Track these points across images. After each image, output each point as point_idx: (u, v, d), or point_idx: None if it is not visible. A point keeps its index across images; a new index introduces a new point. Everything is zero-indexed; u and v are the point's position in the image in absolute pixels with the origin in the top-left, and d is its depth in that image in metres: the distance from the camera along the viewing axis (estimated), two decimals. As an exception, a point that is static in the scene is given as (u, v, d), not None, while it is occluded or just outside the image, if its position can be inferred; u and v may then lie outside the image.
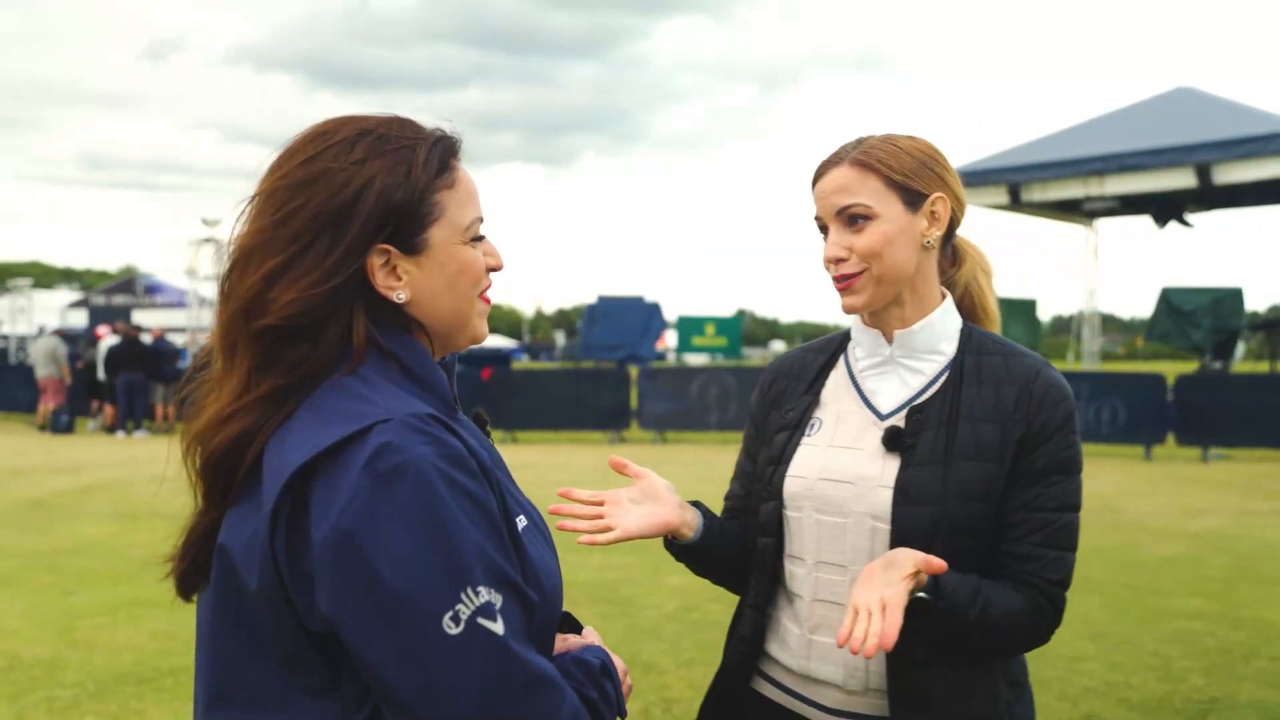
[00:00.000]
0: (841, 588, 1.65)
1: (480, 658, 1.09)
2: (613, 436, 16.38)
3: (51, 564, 7.25)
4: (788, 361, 1.85)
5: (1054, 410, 1.62)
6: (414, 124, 1.28)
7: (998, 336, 1.73)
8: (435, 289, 1.25)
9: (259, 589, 1.12)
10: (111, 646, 5.34)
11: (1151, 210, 21.38)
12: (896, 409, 1.67)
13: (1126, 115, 20.34)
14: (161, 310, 37.84)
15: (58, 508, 9.74)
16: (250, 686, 1.16)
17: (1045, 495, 1.60)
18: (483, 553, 1.12)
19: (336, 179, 1.20)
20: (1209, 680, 4.81)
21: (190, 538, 1.21)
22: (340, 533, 1.07)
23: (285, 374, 1.17)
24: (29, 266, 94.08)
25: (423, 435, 1.12)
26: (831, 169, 1.66)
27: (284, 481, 1.10)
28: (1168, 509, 9.72)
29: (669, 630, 5.61)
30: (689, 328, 22.62)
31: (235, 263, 1.22)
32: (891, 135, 1.69)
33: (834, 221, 1.65)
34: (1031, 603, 1.58)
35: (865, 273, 1.64)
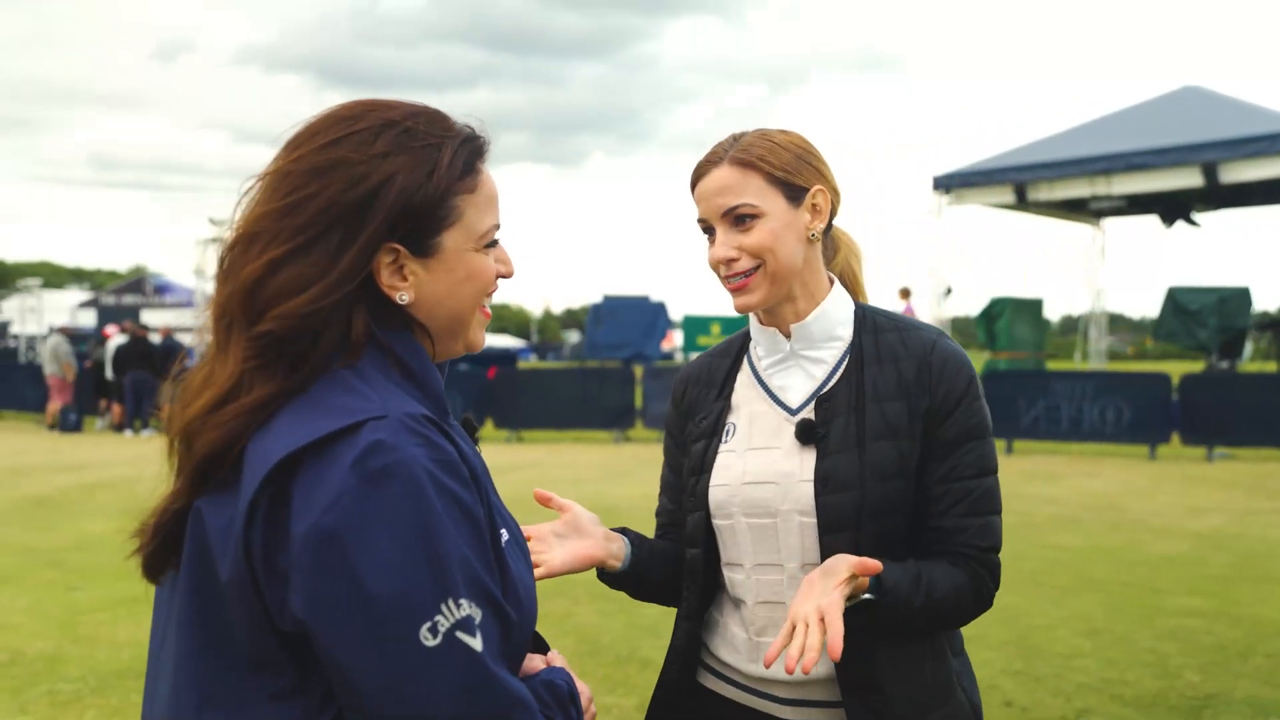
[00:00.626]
0: (780, 587, 1.66)
1: (455, 673, 1.05)
2: (617, 436, 16.40)
3: (55, 560, 7.31)
4: (695, 369, 1.85)
5: (955, 379, 1.63)
6: (444, 119, 1.22)
7: (889, 312, 1.74)
8: (439, 293, 1.21)
9: (229, 580, 1.07)
10: (113, 642, 5.38)
11: (1158, 209, 21.32)
12: (805, 401, 1.68)
13: (1133, 114, 20.29)
14: (170, 310, 37.96)
15: (63, 505, 9.80)
16: (211, 685, 1.10)
17: (962, 465, 1.62)
18: (467, 564, 1.08)
19: (355, 170, 1.15)
20: (1205, 677, 4.81)
21: (162, 518, 1.15)
22: (323, 530, 1.02)
23: (284, 378, 1.12)
24: (39, 267, 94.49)
25: (417, 436, 1.08)
26: (712, 169, 1.65)
27: (266, 472, 1.05)
28: (1170, 508, 9.71)
29: (668, 627, 5.59)
30: (695, 327, 22.62)
31: (238, 240, 1.16)
32: (765, 131, 1.68)
33: (720, 222, 1.65)
34: (970, 573, 1.61)
35: (759, 270, 1.64)
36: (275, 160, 1.19)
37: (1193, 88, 20.70)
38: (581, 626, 5.66)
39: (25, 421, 19.88)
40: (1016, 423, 14.44)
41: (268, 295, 1.12)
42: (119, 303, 45.71)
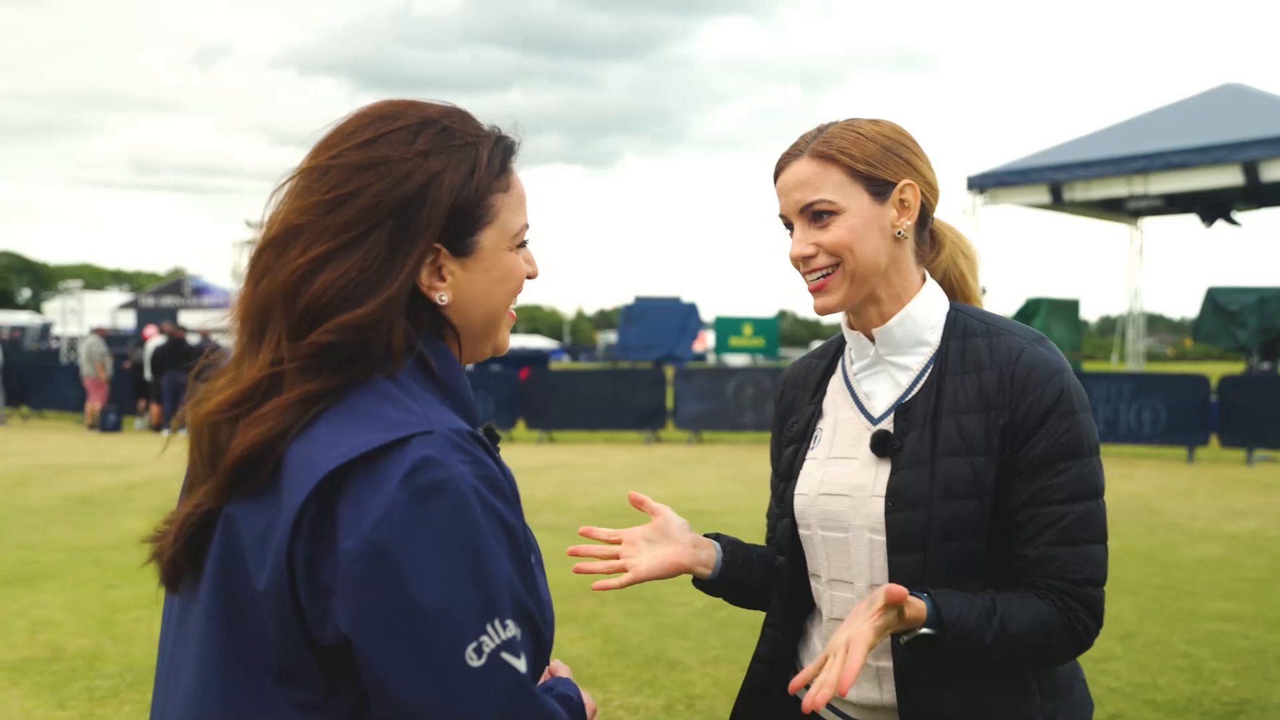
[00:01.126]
0: (851, 605, 1.57)
1: (498, 693, 1.04)
2: (648, 436, 16.42)
3: (95, 558, 7.44)
4: (795, 371, 1.78)
5: (1040, 391, 1.49)
6: (474, 119, 1.21)
7: (986, 314, 1.62)
8: (476, 293, 1.19)
9: (265, 590, 1.04)
10: (150, 639, 5.45)
11: (1198, 209, 21.05)
12: (887, 410, 1.59)
13: (1172, 112, 20.05)
14: (208, 311, 38.37)
15: (103, 504, 9.96)
16: (236, 695, 1.08)
17: (1051, 487, 1.46)
18: (512, 584, 1.07)
19: (399, 169, 1.13)
20: (1240, 682, 4.76)
21: (185, 524, 1.11)
22: (373, 545, 1.00)
23: (328, 378, 1.09)
24: (80, 269, 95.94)
25: (463, 454, 1.06)
26: (792, 163, 1.57)
27: (316, 482, 1.03)
28: (1207, 510, 9.59)
29: (696, 628, 5.64)
30: (727, 328, 22.57)
31: (275, 239, 1.13)
32: (854, 121, 1.59)
33: (798, 218, 1.57)
34: (1060, 608, 1.45)
35: (838, 270, 1.55)
36: (310, 157, 1.17)
37: (1233, 85, 20.42)
38: (609, 627, 5.68)
39: (66, 421, 20.21)
40: (1051, 424, 14.29)
41: (313, 295, 1.09)
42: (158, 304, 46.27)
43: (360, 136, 1.15)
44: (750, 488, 11.22)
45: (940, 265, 1.71)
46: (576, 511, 9.40)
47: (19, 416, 20.73)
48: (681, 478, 12.09)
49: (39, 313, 57.64)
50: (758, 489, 10.86)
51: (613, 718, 4.36)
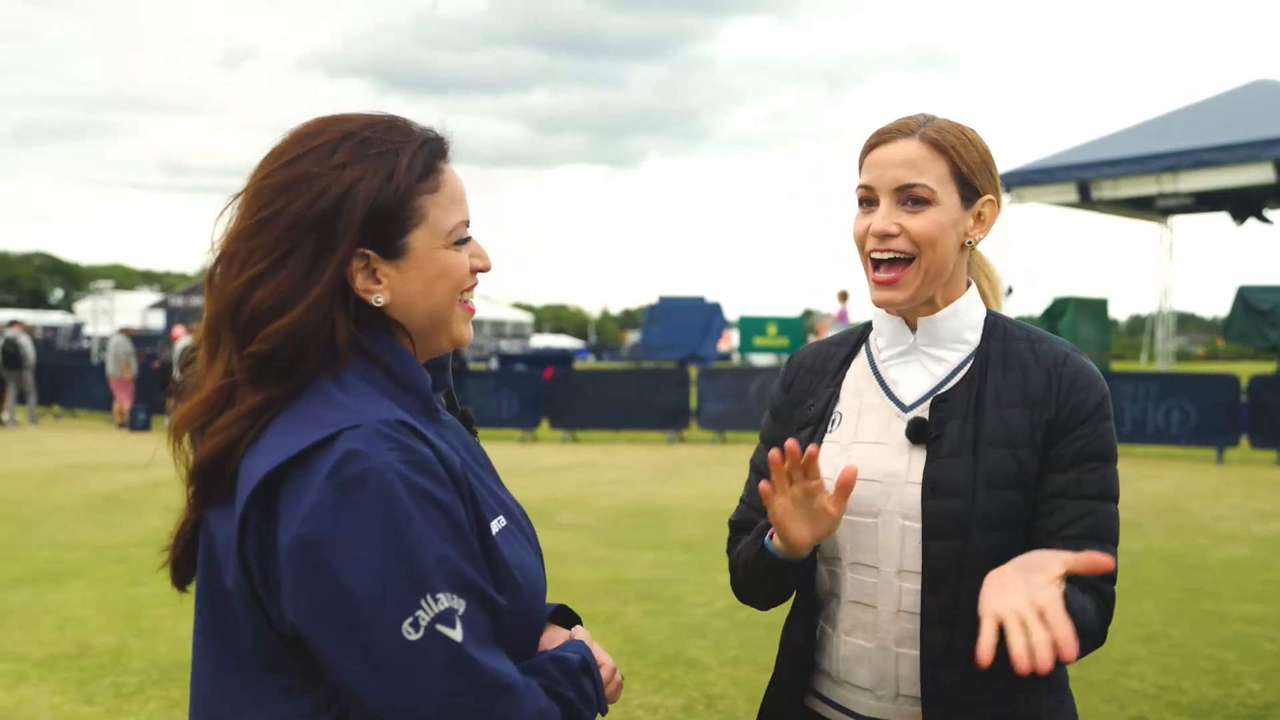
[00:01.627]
0: (873, 589, 1.58)
1: (439, 663, 1.11)
2: (672, 436, 16.41)
3: (121, 555, 7.54)
4: (809, 355, 1.78)
5: (1086, 393, 1.54)
6: (403, 125, 1.26)
7: (1025, 324, 1.65)
8: (413, 293, 1.24)
9: (233, 590, 1.15)
10: (175, 636, 5.52)
11: (1229, 207, 20.81)
12: (920, 399, 1.60)
13: (1202, 109, 19.84)
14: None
15: (129, 502, 10.09)
16: (231, 685, 1.18)
17: (1084, 482, 1.52)
18: (445, 559, 1.13)
19: (317, 184, 1.19)
20: (1265, 685, 4.70)
21: (180, 531, 1.25)
22: (303, 540, 1.08)
23: (272, 387, 1.18)
24: (111, 269, 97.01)
25: (389, 442, 1.13)
26: (899, 139, 1.55)
27: (251, 488, 1.12)
28: (1235, 512, 9.48)
29: (715, 628, 5.63)
30: (751, 328, 22.54)
31: (219, 260, 1.23)
32: (958, 122, 1.59)
33: (889, 195, 1.55)
34: (1097, 605, 1.50)
35: (914, 263, 1.55)
36: (247, 182, 1.25)
37: (1265, 81, 20.17)
38: (628, 626, 5.69)
39: (97, 420, 20.44)
40: (1078, 425, 14.15)
41: (250, 311, 1.18)
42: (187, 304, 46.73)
43: (286, 156, 1.23)
44: (773, 488, 11.18)
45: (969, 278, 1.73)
46: (597, 511, 9.41)
47: (51, 415, 20.99)
48: (704, 478, 12.08)
49: (71, 313, 58.36)
50: (780, 489, 10.79)
51: (632, 717, 4.37)
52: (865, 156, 1.60)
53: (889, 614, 1.57)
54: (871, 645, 1.59)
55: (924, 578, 1.53)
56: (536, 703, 1.18)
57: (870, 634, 1.59)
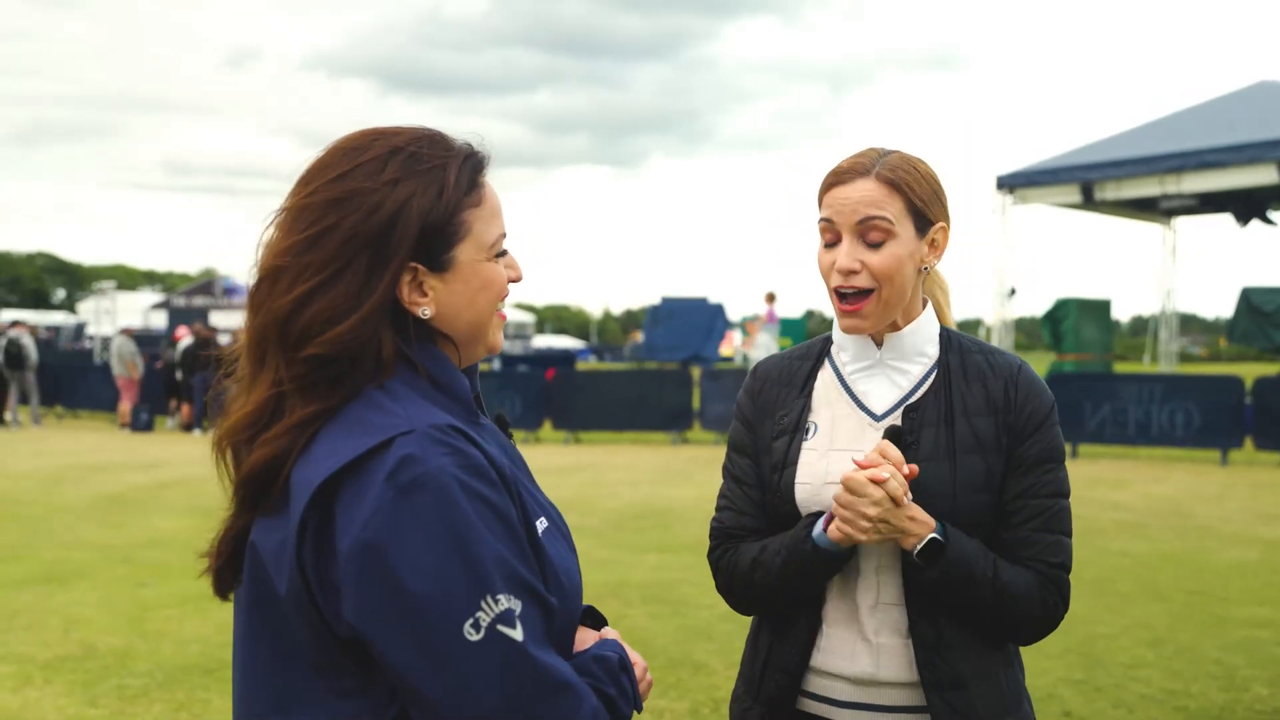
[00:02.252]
0: (854, 585, 1.70)
1: (500, 663, 1.13)
2: (675, 437, 16.41)
3: (126, 557, 7.52)
4: (772, 368, 1.86)
5: (1039, 401, 1.71)
6: (444, 140, 1.29)
7: (973, 337, 1.81)
8: (458, 304, 1.28)
9: (287, 596, 1.16)
10: (180, 638, 5.52)
11: (1232, 208, 20.79)
12: (890, 409, 1.73)
13: (1205, 110, 19.82)
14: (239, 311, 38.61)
15: (134, 503, 10.08)
16: (282, 689, 1.19)
17: (1039, 484, 1.68)
18: (502, 561, 1.15)
19: (370, 200, 1.22)
20: (1274, 690, 4.69)
21: (224, 538, 1.25)
22: (364, 544, 1.11)
23: (324, 398, 1.20)
24: (113, 270, 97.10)
25: (443, 447, 1.15)
26: (857, 179, 1.67)
27: (310, 495, 1.14)
28: (1240, 514, 9.46)
29: (720, 631, 5.63)
30: (754, 329, 22.56)
31: (264, 278, 1.24)
32: (908, 157, 1.72)
33: (850, 231, 1.67)
34: (1038, 582, 1.66)
35: (874, 295, 1.68)
36: (290, 196, 1.26)
37: (1268, 82, 20.15)
38: (634, 629, 5.68)
39: (100, 421, 20.46)
40: (1082, 426, 14.17)
41: (302, 325, 1.20)
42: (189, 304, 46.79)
43: (333, 171, 1.24)
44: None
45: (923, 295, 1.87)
46: (601, 513, 9.41)
47: (54, 416, 21.00)
48: (708, 479, 12.07)
49: (73, 313, 58.42)
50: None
51: (638, 720, 4.37)
52: (825, 194, 1.72)
53: (868, 608, 1.70)
54: (853, 637, 1.70)
55: (905, 573, 1.67)
56: (590, 700, 1.21)
57: (852, 628, 1.70)
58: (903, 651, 1.68)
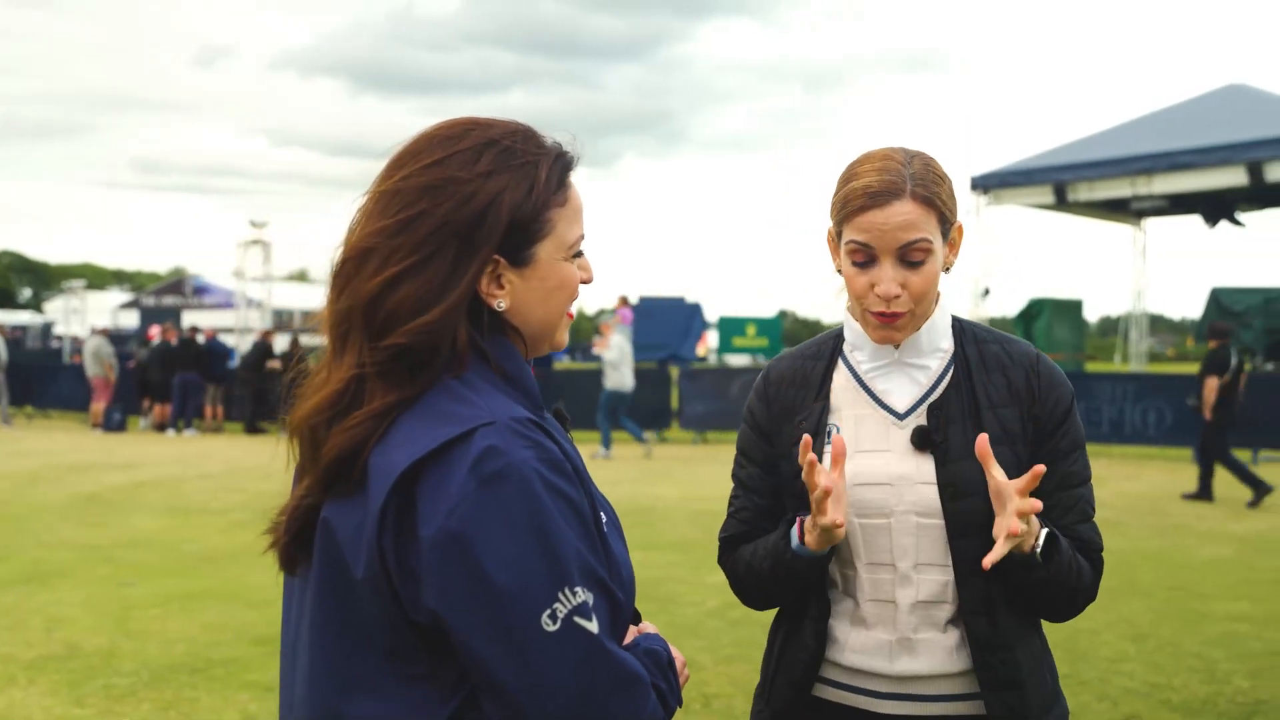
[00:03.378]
0: (891, 586, 1.68)
1: (576, 654, 1.14)
2: (654, 436, 16.43)
3: (108, 556, 7.46)
4: (784, 369, 1.82)
5: (1062, 390, 1.71)
6: (537, 137, 1.30)
7: (984, 325, 1.78)
8: (533, 301, 1.28)
9: (364, 580, 1.16)
10: (165, 637, 5.49)
11: (1202, 209, 21.05)
12: (912, 407, 1.70)
13: (1176, 113, 20.06)
14: (209, 311, 38.41)
15: (113, 503, 9.99)
16: (352, 673, 1.20)
17: (1072, 473, 1.70)
18: (579, 554, 1.17)
19: (464, 189, 1.22)
20: (1254, 683, 4.77)
21: (294, 515, 1.24)
22: (449, 533, 1.12)
23: (404, 385, 1.20)
24: (81, 269, 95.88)
25: (523, 439, 1.17)
26: (894, 201, 1.60)
27: (393, 481, 1.14)
28: (1215, 511, 9.61)
29: (708, 627, 5.65)
30: (730, 328, 22.59)
31: (351, 258, 1.23)
32: (929, 162, 1.66)
33: (889, 255, 1.62)
34: (1091, 568, 1.70)
35: (910, 313, 1.65)
36: (381, 180, 1.26)
37: (1237, 85, 20.43)
38: (624, 626, 5.69)
39: (71, 421, 20.23)
40: (1057, 425, 14.28)
41: (389, 309, 1.20)
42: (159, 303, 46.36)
43: (427, 157, 1.24)
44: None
45: None
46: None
47: (23, 416, 20.74)
48: (688, 477, 12.11)
49: (40, 312, 57.69)
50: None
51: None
52: (856, 215, 1.62)
53: (907, 606, 1.68)
54: (892, 638, 1.68)
55: (956, 574, 1.66)
56: (652, 695, 1.22)
57: (890, 627, 1.69)
58: (941, 643, 1.67)
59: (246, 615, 5.90)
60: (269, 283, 25.81)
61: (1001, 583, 1.64)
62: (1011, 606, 1.67)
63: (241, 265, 24.83)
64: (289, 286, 44.60)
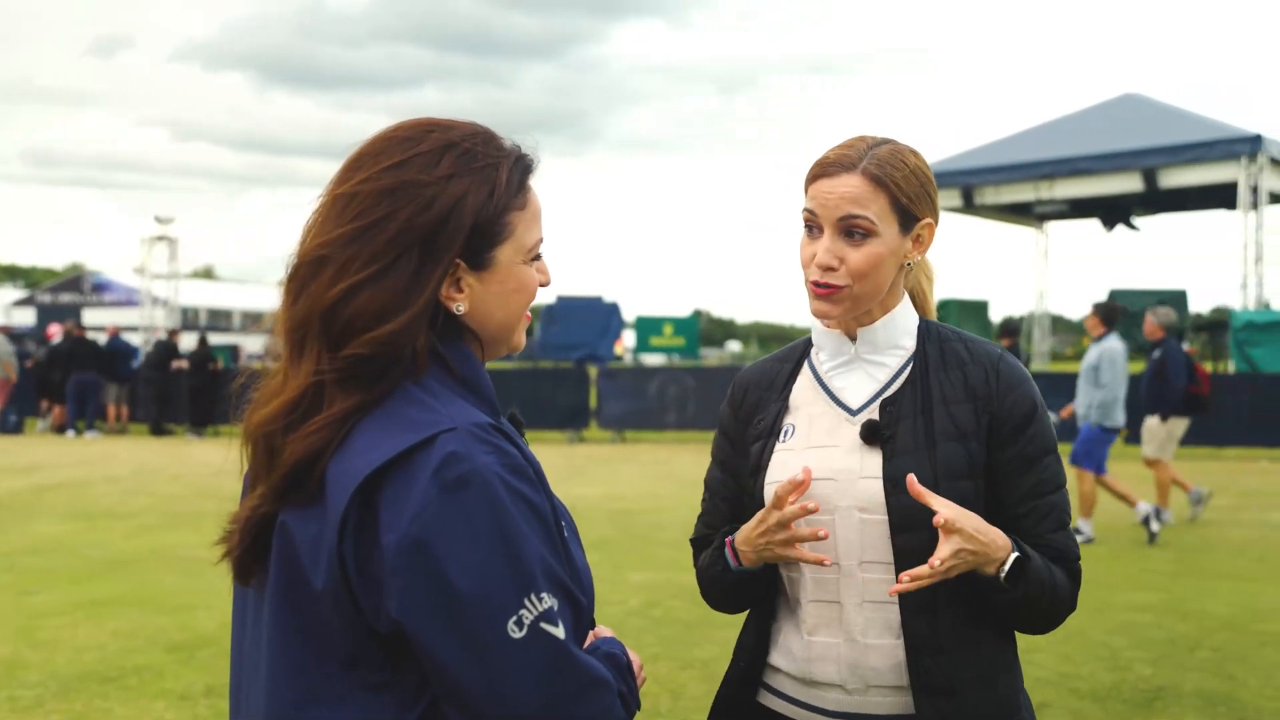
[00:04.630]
0: (835, 584, 1.64)
1: (542, 660, 1.14)
2: (572, 436, 16.42)
3: (8, 564, 7.19)
4: (755, 373, 1.84)
5: (1023, 390, 1.65)
6: (497, 139, 1.28)
7: (954, 328, 1.76)
8: (492, 304, 1.27)
9: (324, 589, 1.14)
10: (74, 646, 5.31)
11: (1099, 213, 21.80)
12: (866, 403, 1.68)
13: (1076, 120, 20.73)
14: (110, 309, 37.19)
15: (13, 508, 9.62)
16: (309, 683, 1.18)
17: (1044, 480, 1.64)
18: (543, 560, 1.16)
19: (425, 193, 1.20)
20: (1156, 670, 4.97)
21: (248, 525, 1.21)
22: (412, 539, 1.10)
23: (363, 391, 1.18)
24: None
25: (485, 444, 1.16)
26: (842, 174, 1.62)
27: (354, 489, 1.12)
28: (1114, 505, 9.95)
29: (631, 626, 5.67)
30: (647, 328, 22.65)
31: (309, 263, 1.21)
32: (899, 149, 1.66)
33: (831, 226, 1.63)
34: (1068, 579, 1.64)
35: (847, 289, 1.63)
36: (337, 182, 1.24)
37: (1133, 95, 21.18)
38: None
39: (-37, 422, 19.40)
40: (965, 423, 14.65)
41: (348, 317, 1.18)
42: (55, 301, 44.70)
43: (386, 160, 1.22)
44: (676, 486, 11.31)
45: (908, 282, 1.82)
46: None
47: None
48: (607, 477, 12.12)
49: (-74, 309, 55.18)
50: (683, 487, 10.93)
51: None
52: (810, 184, 1.66)
53: (854, 606, 1.63)
54: (838, 640, 1.64)
55: (897, 570, 1.59)
56: (617, 700, 1.22)
57: (836, 630, 1.64)
58: (893, 653, 1.61)
59: (159, 621, 5.75)
60: (175, 280, 25.13)
61: (952, 587, 1.58)
62: (959, 610, 1.61)
63: (146, 262, 24.12)
64: (195, 284, 43.40)
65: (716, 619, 5.29)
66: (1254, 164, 17.31)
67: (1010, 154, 19.27)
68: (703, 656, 4.98)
